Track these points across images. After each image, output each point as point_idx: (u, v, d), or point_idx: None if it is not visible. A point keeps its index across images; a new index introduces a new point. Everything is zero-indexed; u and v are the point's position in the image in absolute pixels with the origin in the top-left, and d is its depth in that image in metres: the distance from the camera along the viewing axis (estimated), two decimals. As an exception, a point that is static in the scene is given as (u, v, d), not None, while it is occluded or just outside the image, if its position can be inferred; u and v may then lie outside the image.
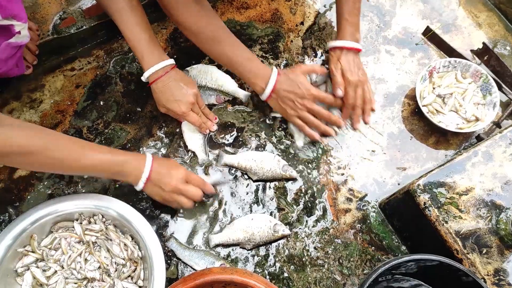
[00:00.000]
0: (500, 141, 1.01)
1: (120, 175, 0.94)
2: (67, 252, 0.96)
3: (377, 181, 1.13)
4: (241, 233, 1.02)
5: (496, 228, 0.92)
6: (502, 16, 1.38)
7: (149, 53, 1.02)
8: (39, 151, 0.82)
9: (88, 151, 0.90)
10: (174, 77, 1.05)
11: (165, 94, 1.05)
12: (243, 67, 1.08)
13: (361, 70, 1.15)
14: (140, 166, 0.94)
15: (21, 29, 0.78)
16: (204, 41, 1.07)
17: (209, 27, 1.05)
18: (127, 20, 1.00)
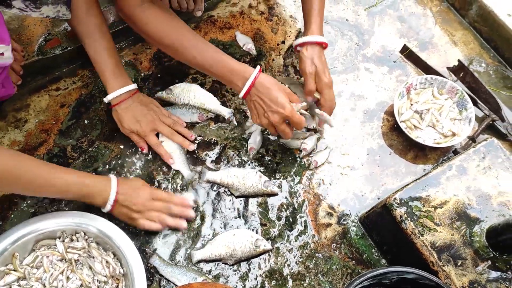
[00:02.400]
0: (474, 155, 1.04)
1: (87, 198, 0.97)
2: (49, 270, 0.96)
3: (357, 196, 1.15)
4: (223, 249, 1.03)
5: (471, 240, 0.94)
6: (477, 34, 1.43)
7: (114, 77, 1.07)
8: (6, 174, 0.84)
9: (57, 173, 0.92)
10: (136, 99, 1.11)
11: (126, 116, 1.10)
12: (215, 70, 1.04)
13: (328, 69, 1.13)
14: (106, 188, 0.97)
15: (5, 51, 0.80)
16: (170, 47, 1.05)
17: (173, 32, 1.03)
18: (96, 45, 1.05)
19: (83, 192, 0.95)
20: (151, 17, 1.01)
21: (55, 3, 0.75)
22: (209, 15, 1.40)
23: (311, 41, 1.10)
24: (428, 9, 1.48)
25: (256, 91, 1.03)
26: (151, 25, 1.02)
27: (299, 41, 1.13)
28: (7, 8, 0.71)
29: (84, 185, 0.95)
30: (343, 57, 1.36)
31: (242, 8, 1.42)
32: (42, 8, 0.74)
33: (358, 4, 1.47)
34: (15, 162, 0.86)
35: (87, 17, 1.03)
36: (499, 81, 1.34)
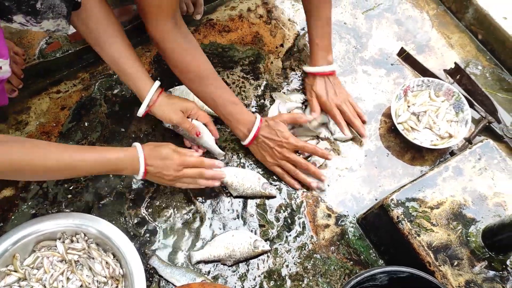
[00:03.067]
0: (470, 156, 1.05)
1: (116, 172, 1.01)
2: (49, 271, 0.97)
3: (355, 197, 1.16)
4: (222, 250, 1.04)
5: (467, 240, 0.95)
6: (473, 37, 1.45)
7: (143, 81, 1.05)
8: (28, 165, 0.84)
9: (78, 154, 0.91)
10: (166, 96, 1.09)
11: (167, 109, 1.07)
12: (226, 111, 1.11)
13: (339, 89, 1.21)
14: (133, 162, 0.97)
15: (3, 65, 0.81)
16: (190, 80, 1.09)
17: (196, 67, 1.07)
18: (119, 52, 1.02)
19: (110, 168, 0.95)
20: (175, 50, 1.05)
21: (56, 18, 0.76)
22: (208, 18, 1.41)
23: (311, 72, 1.22)
24: (425, 13, 1.49)
25: (260, 136, 1.12)
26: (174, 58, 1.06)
27: (306, 69, 1.23)
28: (8, 22, 0.72)
29: (110, 163, 0.94)
30: (341, 60, 1.37)
31: (241, 12, 1.44)
32: (42, 22, 0.75)
33: (356, 7, 1.49)
34: (38, 149, 0.86)
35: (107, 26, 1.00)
36: (495, 83, 1.36)
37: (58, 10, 0.75)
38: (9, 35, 1.23)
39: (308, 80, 1.23)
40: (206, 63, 1.09)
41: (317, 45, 1.19)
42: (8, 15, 0.71)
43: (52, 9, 0.74)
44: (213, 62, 1.27)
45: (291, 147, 1.11)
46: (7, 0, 0.68)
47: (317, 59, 1.20)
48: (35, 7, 0.71)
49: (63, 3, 0.76)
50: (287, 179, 1.14)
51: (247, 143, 1.14)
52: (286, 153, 1.12)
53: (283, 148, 1.11)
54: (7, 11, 0.70)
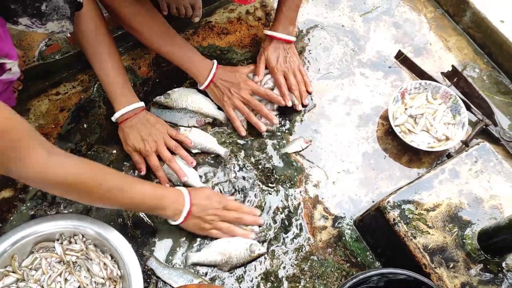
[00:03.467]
0: (466, 159, 1.06)
1: (159, 209, 0.98)
2: (47, 272, 0.98)
3: (352, 199, 1.17)
4: (218, 256, 1.04)
5: (463, 243, 0.96)
6: (471, 40, 1.45)
7: (122, 95, 1.09)
8: (93, 182, 0.85)
9: (131, 183, 0.93)
10: (142, 118, 1.11)
11: (131, 133, 1.11)
12: (186, 63, 1.18)
13: (292, 57, 1.25)
14: (178, 199, 0.99)
15: (12, 66, 0.82)
16: (149, 40, 1.15)
17: (153, 26, 1.13)
18: (104, 64, 1.06)
19: (156, 204, 0.96)
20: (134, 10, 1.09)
21: (60, 19, 0.77)
22: (207, 21, 1.42)
23: (268, 34, 1.25)
24: (423, 15, 1.50)
25: (217, 79, 1.19)
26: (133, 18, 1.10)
27: (264, 32, 1.27)
28: (13, 25, 0.72)
29: (157, 197, 0.96)
30: (338, 62, 1.38)
31: (240, 14, 1.45)
32: (47, 24, 0.76)
33: (354, 10, 1.50)
34: (95, 171, 0.87)
35: (96, 36, 1.04)
36: (492, 86, 1.36)
37: (62, 11, 0.76)
38: (8, 37, 1.23)
39: (264, 43, 1.27)
40: (163, 23, 1.15)
41: (282, 13, 1.23)
42: (14, 17, 0.71)
43: (57, 11, 0.75)
44: (211, 65, 1.29)
45: (248, 88, 1.19)
46: (13, 3, 0.69)
47: (278, 26, 1.24)
48: (40, 9, 0.72)
49: (67, 4, 0.77)
50: (237, 123, 1.20)
51: (205, 86, 1.20)
52: (242, 93, 1.19)
53: (241, 89, 1.19)
54: (13, 13, 0.70)
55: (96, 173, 0.87)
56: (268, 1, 1.48)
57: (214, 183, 1.16)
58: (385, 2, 1.52)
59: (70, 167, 0.82)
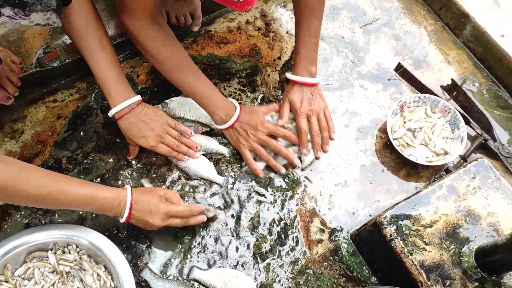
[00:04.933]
0: (464, 175, 1.05)
1: (100, 211, 0.96)
2: (40, 282, 0.97)
3: (349, 213, 1.16)
4: (220, 283, 1.02)
5: (460, 260, 0.95)
6: (470, 54, 1.45)
7: (116, 90, 1.07)
8: (9, 188, 0.83)
9: (67, 186, 0.90)
10: (140, 113, 1.10)
11: (132, 131, 1.10)
12: (204, 98, 1.14)
13: (317, 99, 1.21)
14: (119, 205, 0.95)
15: None
16: (168, 70, 1.12)
17: (174, 56, 1.11)
18: (97, 58, 1.04)
19: (95, 205, 0.94)
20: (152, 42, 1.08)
21: (45, 10, 0.75)
22: (206, 30, 1.42)
23: (291, 79, 1.22)
24: (423, 28, 1.50)
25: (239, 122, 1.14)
26: (151, 49, 1.08)
27: (287, 76, 1.23)
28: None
29: (96, 200, 0.93)
30: (338, 74, 1.38)
31: (239, 24, 1.44)
32: (31, 15, 0.74)
33: (354, 21, 1.49)
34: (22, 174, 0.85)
35: (87, 29, 1.03)
36: (492, 101, 1.36)
37: (46, 2, 0.74)
38: (7, 43, 1.23)
39: (287, 87, 1.24)
40: (183, 53, 1.12)
41: (301, 54, 1.20)
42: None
43: (40, 1, 0.73)
44: (210, 74, 1.30)
45: (266, 130, 1.15)
46: None
47: (299, 68, 1.21)
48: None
49: None
50: (253, 166, 1.16)
51: (225, 128, 1.16)
52: (260, 135, 1.15)
53: (258, 131, 1.15)
54: None
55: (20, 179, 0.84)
56: (268, 11, 1.48)
57: (211, 193, 1.15)
58: (385, 14, 1.51)
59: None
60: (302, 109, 1.19)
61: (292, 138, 1.18)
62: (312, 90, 1.21)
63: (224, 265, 1.07)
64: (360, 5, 1.53)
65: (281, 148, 1.16)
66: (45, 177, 0.89)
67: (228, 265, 1.07)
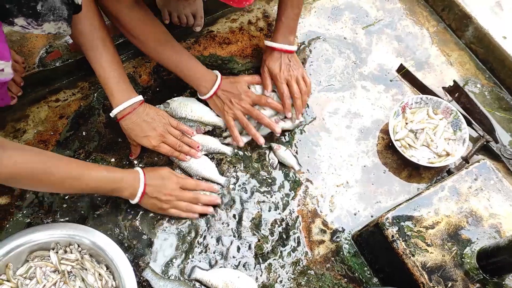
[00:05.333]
0: (466, 176, 1.05)
1: (116, 192, 1.01)
2: (41, 281, 0.97)
3: (351, 213, 1.16)
4: (221, 284, 1.02)
5: (461, 262, 0.95)
6: (473, 55, 1.45)
7: (118, 90, 1.07)
8: (41, 173, 0.87)
9: (86, 170, 0.96)
10: (142, 113, 1.10)
11: (134, 131, 1.10)
12: (187, 71, 1.17)
13: (292, 66, 1.23)
14: (134, 181, 1.01)
15: (5, 67, 0.82)
16: (150, 48, 1.14)
17: (155, 35, 1.13)
18: (99, 58, 1.05)
19: (112, 187, 0.99)
20: (134, 22, 1.10)
21: (57, 20, 0.76)
22: (208, 30, 1.42)
23: (269, 46, 1.23)
24: (425, 29, 1.50)
25: (221, 89, 1.18)
26: (133, 29, 1.10)
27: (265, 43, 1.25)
28: (9, 25, 0.72)
29: (113, 181, 0.99)
30: (340, 75, 1.38)
31: (242, 24, 1.45)
32: (44, 25, 0.75)
33: (356, 22, 1.49)
34: (45, 160, 0.89)
35: (90, 30, 1.04)
36: (494, 102, 1.36)
37: (59, 12, 0.75)
38: (10, 43, 1.23)
39: (265, 54, 1.25)
40: (164, 32, 1.14)
41: (282, 22, 1.22)
42: (10, 18, 0.71)
43: (53, 12, 0.74)
44: (212, 75, 1.29)
45: (249, 99, 1.19)
46: (8, 3, 0.68)
47: (278, 36, 1.22)
48: (36, 9, 0.72)
49: (64, 6, 0.77)
50: (235, 133, 1.19)
51: (208, 97, 1.20)
52: (243, 104, 1.18)
53: (241, 100, 1.18)
54: (8, 14, 0.70)
55: (48, 164, 0.89)
56: (270, 12, 1.48)
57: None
58: (387, 15, 1.51)
59: (22, 161, 0.84)
60: (282, 75, 1.21)
61: (275, 105, 1.21)
62: (290, 57, 1.23)
63: (225, 265, 1.07)
64: (362, 6, 1.53)
65: (263, 116, 1.19)
66: (69, 163, 0.94)
67: (229, 266, 1.07)
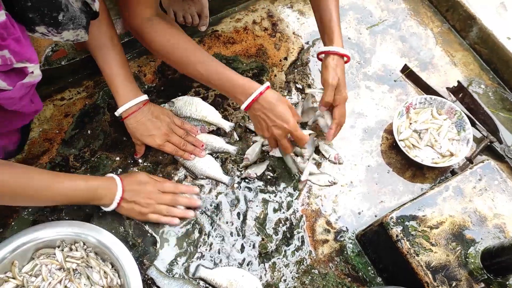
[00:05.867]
0: (471, 176, 1.05)
1: (94, 200, 0.99)
2: (47, 279, 0.97)
3: (355, 213, 1.16)
4: (225, 282, 1.02)
5: (466, 261, 0.95)
6: (477, 55, 1.45)
7: (124, 89, 1.07)
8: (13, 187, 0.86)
9: (61, 179, 0.94)
10: (146, 112, 1.11)
11: (139, 130, 1.11)
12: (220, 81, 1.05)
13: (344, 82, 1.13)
14: (111, 187, 1.00)
15: (34, 69, 0.83)
16: (175, 62, 1.08)
17: (181, 47, 1.05)
18: (106, 57, 1.05)
19: (90, 195, 0.98)
20: (159, 33, 1.04)
21: (75, 28, 0.77)
22: (213, 30, 1.42)
23: (337, 52, 1.10)
24: (429, 30, 1.50)
25: (260, 106, 1.03)
26: (158, 41, 1.05)
27: (324, 49, 1.12)
28: (30, 32, 0.73)
29: (90, 189, 0.98)
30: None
31: (246, 24, 1.45)
32: (63, 33, 0.76)
33: (360, 23, 1.50)
34: (18, 175, 0.88)
35: (97, 29, 1.04)
36: (498, 103, 1.36)
37: (78, 21, 0.77)
38: (15, 41, 1.24)
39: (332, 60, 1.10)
40: (190, 42, 1.06)
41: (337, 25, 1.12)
42: (32, 25, 0.72)
43: (73, 21, 0.76)
44: (217, 74, 1.29)
45: (287, 131, 1.05)
46: (31, 12, 0.69)
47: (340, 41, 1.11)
48: (58, 19, 0.73)
49: (83, 14, 0.78)
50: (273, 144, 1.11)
51: (244, 108, 1.05)
52: (278, 136, 1.06)
53: (279, 130, 1.05)
54: (31, 22, 0.71)
55: (20, 177, 0.88)
56: (274, 12, 1.49)
57: (217, 192, 1.15)
58: (392, 16, 1.52)
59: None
60: (345, 96, 1.11)
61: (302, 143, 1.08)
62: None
63: (229, 264, 1.07)
64: (366, 6, 1.53)
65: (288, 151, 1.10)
66: (41, 174, 0.93)
67: (233, 264, 1.07)
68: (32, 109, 1.05)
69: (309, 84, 1.34)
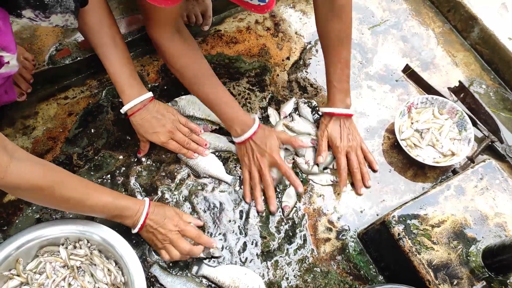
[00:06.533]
0: (472, 175, 1.06)
1: (118, 218, 0.98)
2: (51, 276, 0.98)
3: (357, 212, 1.17)
4: (228, 280, 1.03)
5: (467, 260, 0.96)
6: (478, 56, 1.46)
7: (129, 87, 1.08)
8: (48, 189, 0.84)
9: (93, 192, 0.93)
10: (152, 109, 1.11)
11: (144, 127, 1.11)
12: (220, 110, 1.13)
13: (353, 134, 1.20)
14: (137, 212, 0.99)
15: (10, 60, 0.81)
16: (186, 79, 1.12)
17: (193, 66, 1.11)
18: (110, 55, 1.06)
19: (116, 213, 0.97)
20: (176, 54, 1.09)
21: (64, 12, 0.76)
22: (216, 29, 1.43)
23: (327, 112, 1.20)
24: (431, 30, 1.51)
25: (251, 140, 1.12)
26: (177, 59, 1.09)
27: (322, 110, 1.22)
28: (17, 17, 0.72)
29: (117, 208, 0.96)
30: (346, 75, 1.38)
31: (249, 24, 1.46)
32: (51, 17, 0.75)
33: (362, 23, 1.50)
34: (56, 178, 0.86)
35: (100, 27, 1.04)
36: (499, 103, 1.37)
37: (66, 4, 0.76)
38: (20, 40, 1.24)
39: (324, 119, 1.22)
40: (202, 64, 1.12)
41: (335, 87, 1.18)
42: (18, 10, 0.71)
43: (60, 3, 0.75)
44: (219, 73, 1.31)
45: (271, 160, 1.12)
46: None
47: (335, 101, 1.19)
48: (43, 0, 0.72)
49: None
50: (246, 188, 1.15)
51: (238, 142, 1.15)
52: (262, 165, 1.12)
53: (263, 158, 1.12)
54: (16, 5, 0.70)
55: (56, 181, 0.86)
56: (277, 12, 1.49)
57: (219, 191, 1.16)
58: (393, 16, 1.53)
59: (29, 175, 0.81)
60: (342, 146, 1.18)
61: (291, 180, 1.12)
62: (349, 124, 1.20)
63: (232, 262, 1.08)
64: (368, 6, 1.54)
65: (269, 189, 1.13)
66: (78, 182, 0.92)
67: (236, 262, 1.08)
68: (4, 99, 1.04)
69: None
